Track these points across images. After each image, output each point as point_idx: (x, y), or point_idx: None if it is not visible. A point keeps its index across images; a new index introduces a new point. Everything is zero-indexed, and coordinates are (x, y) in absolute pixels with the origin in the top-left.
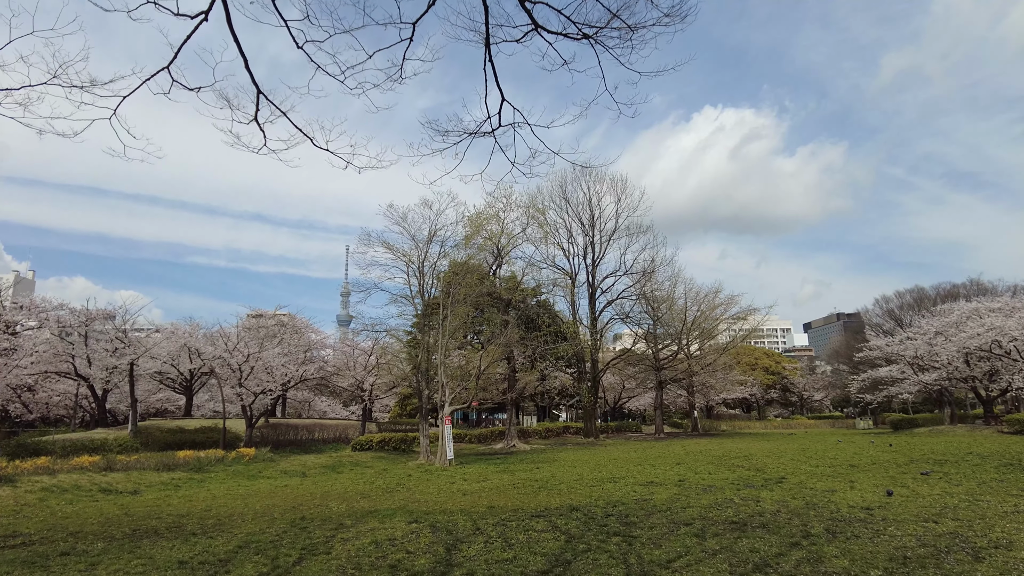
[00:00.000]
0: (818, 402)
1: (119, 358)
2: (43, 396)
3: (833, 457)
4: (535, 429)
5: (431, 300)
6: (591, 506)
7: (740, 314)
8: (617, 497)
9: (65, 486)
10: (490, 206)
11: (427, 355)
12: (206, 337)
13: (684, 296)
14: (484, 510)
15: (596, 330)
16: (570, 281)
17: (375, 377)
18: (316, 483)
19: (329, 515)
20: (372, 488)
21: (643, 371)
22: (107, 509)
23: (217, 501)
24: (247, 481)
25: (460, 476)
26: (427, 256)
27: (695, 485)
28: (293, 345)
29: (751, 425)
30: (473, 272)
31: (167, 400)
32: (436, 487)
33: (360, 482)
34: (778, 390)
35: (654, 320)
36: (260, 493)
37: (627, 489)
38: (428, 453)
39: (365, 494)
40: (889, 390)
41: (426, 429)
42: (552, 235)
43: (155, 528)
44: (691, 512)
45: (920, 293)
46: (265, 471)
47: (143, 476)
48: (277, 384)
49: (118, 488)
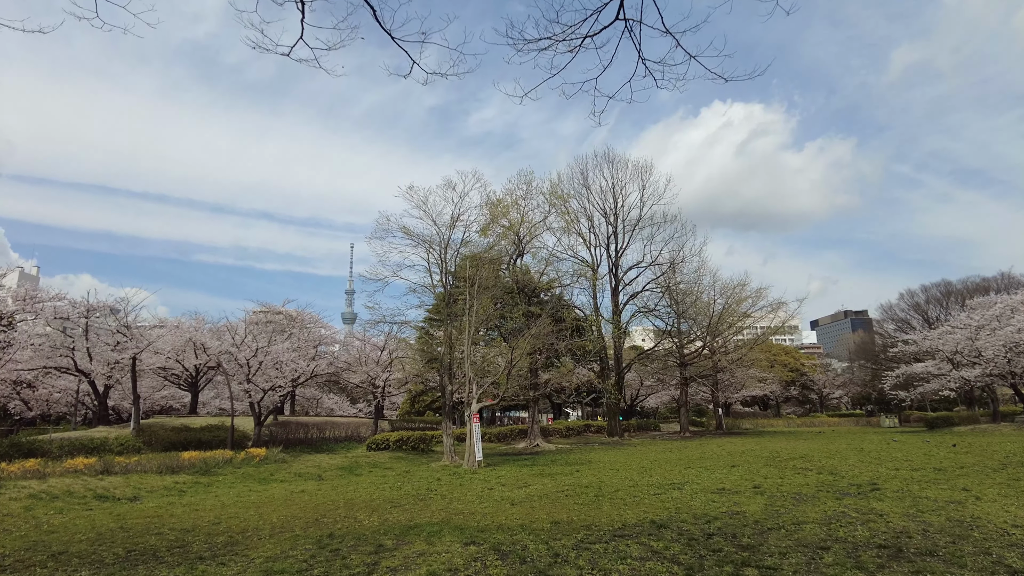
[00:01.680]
0: (836, 400)
1: (121, 352)
2: (43, 393)
3: (904, 458)
4: (555, 427)
5: (453, 290)
6: (677, 521)
7: (770, 306)
8: (699, 509)
9: (56, 492)
10: (509, 193)
11: (449, 348)
12: (212, 332)
13: (712, 287)
14: (548, 526)
15: (620, 324)
16: (592, 272)
17: (388, 373)
18: (336, 488)
19: (361, 531)
20: (401, 495)
21: (665, 368)
22: (101, 521)
23: (227, 511)
24: (258, 485)
25: (495, 480)
26: (449, 242)
27: (777, 493)
28: (303, 340)
29: (773, 423)
30: (495, 262)
31: (171, 397)
32: (474, 494)
33: (385, 487)
34: (797, 387)
35: (678, 314)
36: (275, 500)
37: (702, 499)
38: (452, 453)
39: (395, 502)
40: (925, 387)
41: (449, 428)
42: (573, 224)
43: (154, 548)
44: (812, 531)
45: (947, 287)
46: (277, 473)
47: (144, 480)
48: (287, 380)
49: (115, 494)
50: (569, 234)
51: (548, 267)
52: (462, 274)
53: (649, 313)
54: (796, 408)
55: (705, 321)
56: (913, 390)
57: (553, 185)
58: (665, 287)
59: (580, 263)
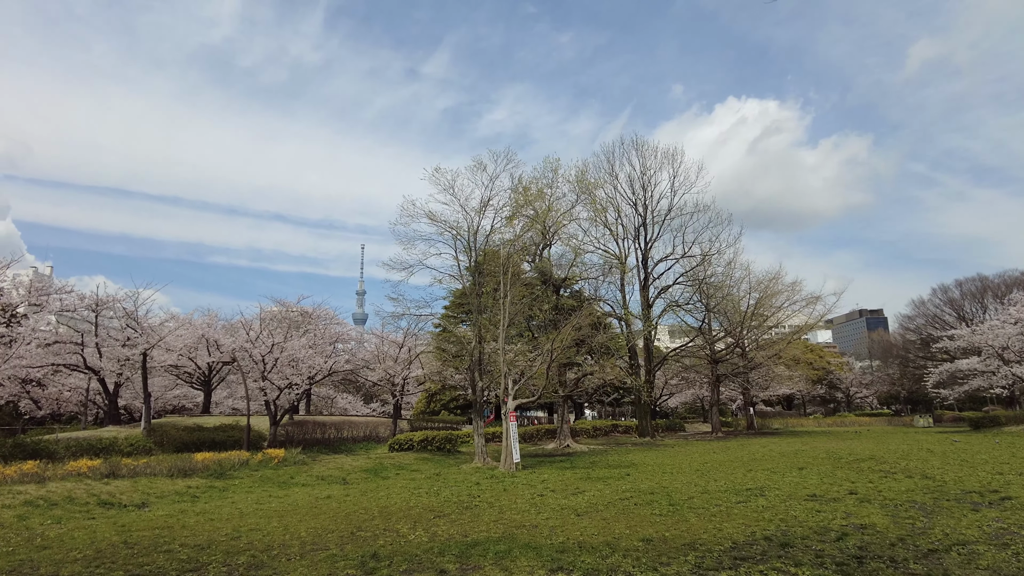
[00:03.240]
0: (862, 399)
1: (131, 348)
2: (53, 391)
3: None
4: (581, 427)
5: (483, 279)
6: (797, 538)
7: (804, 300)
8: (810, 521)
9: (55, 498)
10: (534, 181)
11: (479, 342)
12: (226, 328)
13: (747, 281)
14: (639, 544)
15: (650, 319)
16: (621, 265)
17: (407, 371)
18: (364, 493)
19: (410, 550)
20: (440, 502)
21: (695, 366)
22: (103, 533)
23: (246, 521)
24: (278, 490)
25: (541, 485)
26: (479, 229)
27: (887, 501)
28: (319, 336)
29: (802, 422)
30: (525, 250)
31: (184, 397)
32: (525, 501)
33: (419, 492)
34: (824, 386)
35: (708, 309)
36: (299, 508)
37: (801, 508)
38: (484, 455)
39: (437, 511)
40: (970, 383)
41: (480, 427)
42: (601, 215)
43: (162, 572)
44: (998, 555)
45: (983, 282)
46: (298, 476)
47: (153, 484)
48: (303, 378)
49: (121, 500)
50: (596, 225)
51: (577, 258)
52: (493, 262)
53: (680, 308)
54: (818, 408)
55: (737, 317)
56: (957, 388)
57: (580, 172)
58: (699, 281)
59: (608, 255)
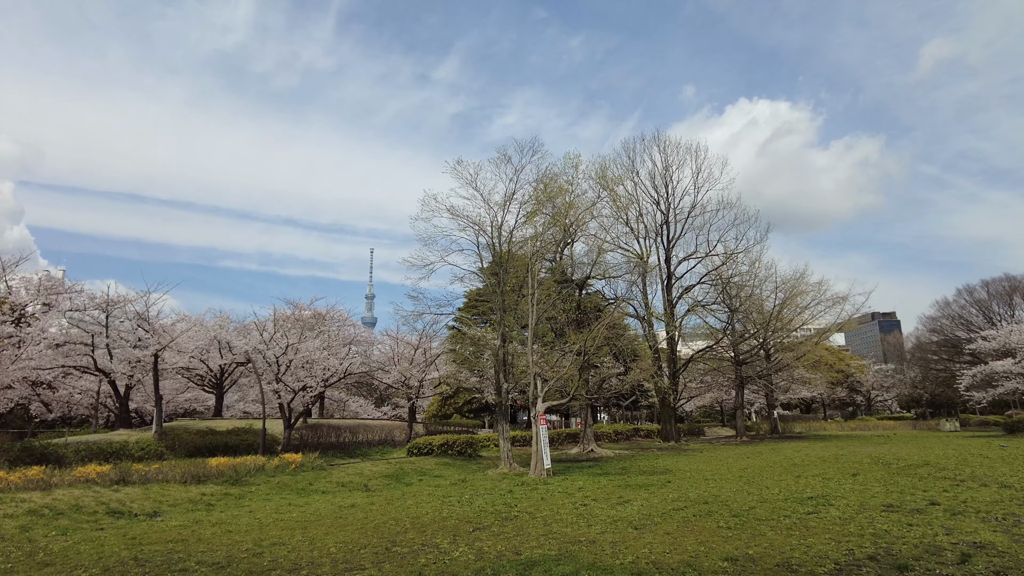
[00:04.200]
0: (881, 402)
1: (142, 349)
2: (64, 394)
3: None
4: (603, 431)
5: (506, 276)
6: (909, 558)
7: (830, 300)
8: (910, 536)
9: (61, 507)
10: (554, 178)
11: (503, 341)
12: (238, 330)
13: (771, 280)
14: (725, 565)
15: (673, 320)
16: (643, 263)
17: (424, 373)
18: (390, 502)
19: (458, 570)
20: (475, 512)
21: (718, 368)
22: (111, 546)
23: (267, 533)
24: (298, 498)
25: (580, 494)
26: (503, 224)
27: (988, 513)
28: (333, 338)
29: (825, 426)
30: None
31: (195, 400)
32: (569, 512)
33: (449, 500)
34: (844, 389)
35: (732, 310)
36: (323, 518)
37: (886, 520)
38: (510, 460)
39: (476, 522)
40: (1004, 385)
41: (506, 431)
42: (623, 211)
43: None
44: None
45: (1012, 282)
46: (317, 483)
47: (166, 491)
48: (318, 380)
49: (132, 509)
50: (618, 222)
51: (600, 256)
52: (518, 259)
53: (704, 309)
54: (835, 411)
55: (762, 317)
56: (991, 391)
57: (602, 168)
58: (725, 280)
59: (629, 254)
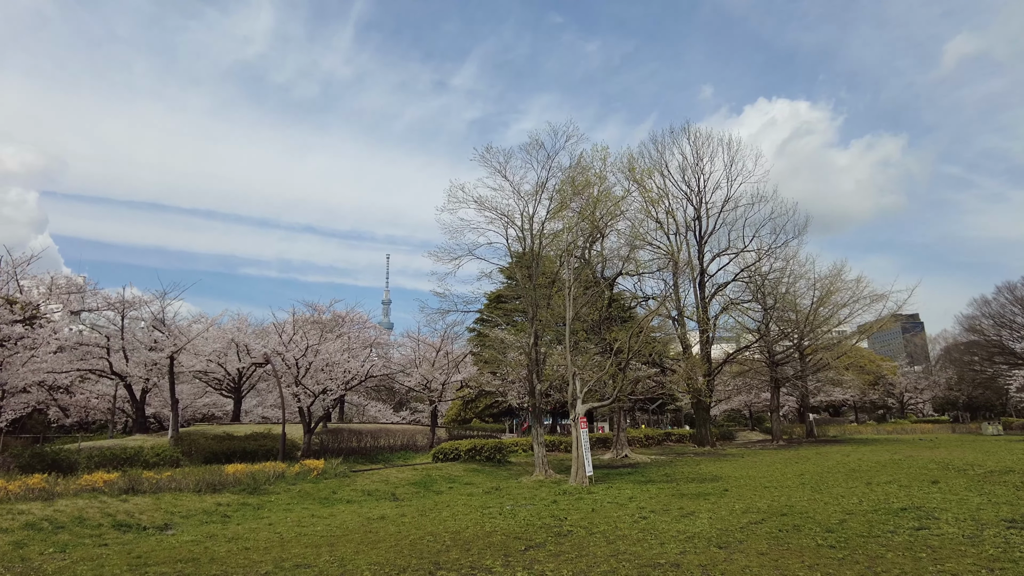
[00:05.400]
0: (914, 405)
1: (158, 352)
2: (81, 399)
3: None
4: (634, 436)
5: (537, 270)
6: None
7: (872, 297)
8: None
9: (62, 519)
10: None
11: (536, 341)
12: (256, 333)
13: (805, 278)
14: None
15: (707, 320)
16: (674, 261)
17: (446, 376)
18: (423, 513)
19: None
20: (522, 525)
21: (751, 370)
22: (113, 567)
23: (289, 550)
24: (321, 508)
25: (633, 505)
26: (534, 215)
27: None
28: (354, 340)
29: (859, 429)
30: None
31: (214, 405)
32: (629, 526)
33: (489, 512)
34: (878, 391)
35: (765, 308)
36: (350, 533)
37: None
38: (545, 466)
39: (526, 539)
40: None
41: (540, 435)
42: (654, 205)
43: None
44: None
45: None
46: (340, 491)
47: (178, 501)
48: (338, 383)
49: (141, 521)
50: (648, 217)
51: (632, 251)
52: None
53: (738, 307)
54: (864, 414)
55: (798, 316)
56: None
57: (629, 161)
58: (761, 277)
59: (660, 250)
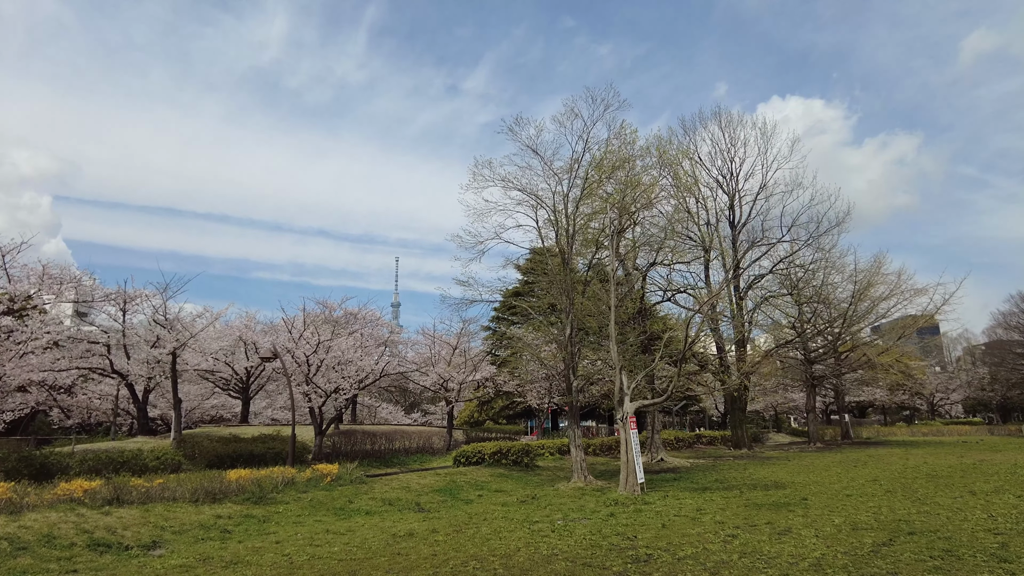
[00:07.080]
0: (946, 406)
1: (160, 348)
2: (83, 400)
3: None
4: (664, 438)
5: (570, 256)
6: None
7: (915, 290)
8: None
9: (27, 537)
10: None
11: (572, 334)
12: (265, 331)
13: (844, 270)
14: None
15: (742, 315)
16: (704, 253)
17: (463, 375)
18: (458, 529)
19: None
20: (583, 545)
21: (785, 368)
22: None
23: None
24: (337, 521)
25: (710, 520)
26: (568, 194)
27: None
28: (367, 337)
29: (893, 431)
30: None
31: (222, 407)
32: (719, 548)
33: (535, 528)
34: (907, 392)
35: (800, 303)
36: (374, 555)
37: None
38: (584, 471)
39: (598, 565)
40: None
41: (578, 437)
42: (684, 192)
43: None
44: None
45: None
46: (358, 500)
47: (171, 513)
48: (351, 381)
49: (123, 539)
50: (679, 208)
51: (667, 240)
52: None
53: (777, 300)
54: (892, 415)
55: (833, 311)
56: None
57: (662, 142)
58: (802, 269)
59: (691, 240)
